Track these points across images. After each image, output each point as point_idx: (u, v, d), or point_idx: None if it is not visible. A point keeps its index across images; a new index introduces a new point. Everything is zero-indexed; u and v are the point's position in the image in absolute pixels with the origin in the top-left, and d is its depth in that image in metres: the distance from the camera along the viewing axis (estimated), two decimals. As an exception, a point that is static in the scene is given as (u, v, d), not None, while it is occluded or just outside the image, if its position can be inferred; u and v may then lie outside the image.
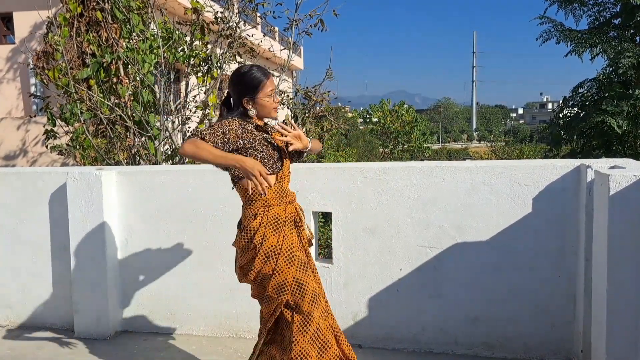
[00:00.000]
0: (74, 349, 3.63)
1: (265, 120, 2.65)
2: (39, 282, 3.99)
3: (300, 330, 2.46)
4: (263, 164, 2.47)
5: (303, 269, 2.52)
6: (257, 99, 2.52)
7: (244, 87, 2.52)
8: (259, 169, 2.35)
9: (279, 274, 2.47)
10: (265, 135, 2.56)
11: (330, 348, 2.56)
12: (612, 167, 2.88)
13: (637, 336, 2.56)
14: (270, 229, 2.49)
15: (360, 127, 43.11)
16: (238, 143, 2.45)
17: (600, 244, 2.70)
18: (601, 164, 3.00)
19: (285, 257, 2.49)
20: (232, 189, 2.63)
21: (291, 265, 2.49)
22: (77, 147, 7.54)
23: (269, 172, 2.48)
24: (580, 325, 3.11)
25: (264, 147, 2.51)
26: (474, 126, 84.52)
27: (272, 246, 2.48)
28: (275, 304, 2.51)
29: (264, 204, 2.49)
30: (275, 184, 2.52)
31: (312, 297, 2.50)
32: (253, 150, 2.48)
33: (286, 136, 2.50)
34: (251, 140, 2.48)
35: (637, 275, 2.53)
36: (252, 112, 2.52)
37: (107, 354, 3.51)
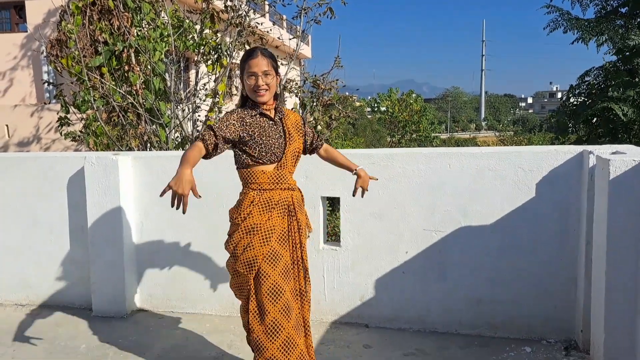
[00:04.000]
0: (92, 326, 3.79)
1: (265, 105, 2.57)
2: (57, 263, 4.15)
3: (255, 320, 2.49)
4: (261, 155, 2.52)
5: (271, 262, 2.49)
6: (244, 79, 2.54)
7: (240, 66, 2.59)
8: (180, 191, 2.44)
9: (250, 250, 2.49)
10: (270, 123, 2.55)
11: (295, 348, 2.49)
12: (613, 153, 2.97)
13: (634, 316, 2.67)
14: (257, 208, 2.53)
15: (368, 116, 43.05)
16: (239, 136, 2.51)
17: (600, 226, 2.80)
18: (603, 150, 3.08)
19: (262, 236, 2.50)
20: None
21: (264, 245, 2.49)
22: (90, 133, 7.68)
23: (268, 162, 2.53)
24: (580, 306, 3.21)
25: (264, 139, 2.51)
26: (483, 115, 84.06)
27: (254, 224, 2.51)
28: (245, 280, 2.54)
29: (258, 187, 2.54)
30: (273, 170, 2.55)
31: (271, 291, 2.47)
32: (252, 142, 2.50)
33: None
34: (250, 133, 2.50)
35: (635, 256, 2.63)
36: (244, 92, 2.57)
37: (124, 331, 3.66)
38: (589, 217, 3.09)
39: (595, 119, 8.57)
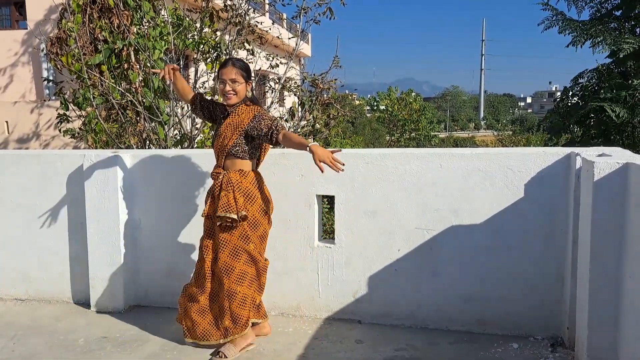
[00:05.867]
0: (90, 321, 3.87)
1: (230, 108, 3.22)
2: (57, 258, 4.22)
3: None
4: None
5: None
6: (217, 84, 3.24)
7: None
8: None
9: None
10: (220, 121, 3.28)
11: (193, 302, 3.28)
12: (599, 155, 3.05)
13: (617, 314, 2.75)
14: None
15: (368, 115, 43.10)
16: (210, 111, 3.41)
17: (585, 227, 2.88)
18: (590, 152, 3.16)
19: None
20: None
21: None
22: (89, 131, 7.75)
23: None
24: (567, 304, 3.29)
25: (217, 126, 3.28)
26: (482, 115, 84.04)
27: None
28: None
29: None
30: None
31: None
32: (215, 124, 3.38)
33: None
34: (215, 117, 3.39)
35: (618, 256, 2.71)
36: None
37: (122, 326, 3.74)
38: (575, 217, 3.17)
39: (588, 120, 8.66)
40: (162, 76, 3.25)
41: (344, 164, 2.85)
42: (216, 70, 8.00)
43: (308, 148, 2.87)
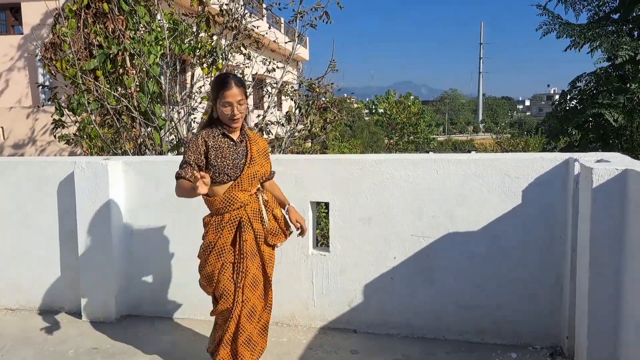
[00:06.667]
0: (81, 331, 3.79)
1: (233, 127, 2.77)
2: (48, 267, 4.15)
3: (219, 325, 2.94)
4: (215, 176, 2.73)
5: (223, 270, 2.80)
6: (217, 105, 2.74)
7: (212, 90, 2.81)
8: (200, 190, 2.49)
9: (209, 266, 2.81)
10: (230, 144, 2.77)
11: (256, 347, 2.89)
12: (598, 161, 2.99)
13: (617, 322, 2.68)
14: (211, 228, 2.81)
15: (366, 118, 43.11)
16: (208, 155, 2.74)
17: (584, 233, 2.82)
18: (588, 158, 3.10)
19: (216, 253, 2.79)
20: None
21: (218, 261, 2.78)
22: (84, 136, 7.68)
23: (224, 181, 2.75)
24: (566, 312, 3.22)
25: (218, 160, 2.73)
26: (480, 118, 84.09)
27: (208, 242, 2.81)
28: (207, 292, 2.91)
29: (215, 211, 2.80)
30: (225, 193, 2.76)
31: (221, 293, 2.81)
32: (209, 164, 2.74)
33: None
34: (209, 155, 2.74)
35: (617, 263, 2.65)
36: (215, 114, 2.77)
37: (113, 336, 3.67)
38: (574, 224, 3.11)
39: (586, 124, 8.61)
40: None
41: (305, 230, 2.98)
42: (211, 77, 7.97)
43: (286, 207, 2.98)
